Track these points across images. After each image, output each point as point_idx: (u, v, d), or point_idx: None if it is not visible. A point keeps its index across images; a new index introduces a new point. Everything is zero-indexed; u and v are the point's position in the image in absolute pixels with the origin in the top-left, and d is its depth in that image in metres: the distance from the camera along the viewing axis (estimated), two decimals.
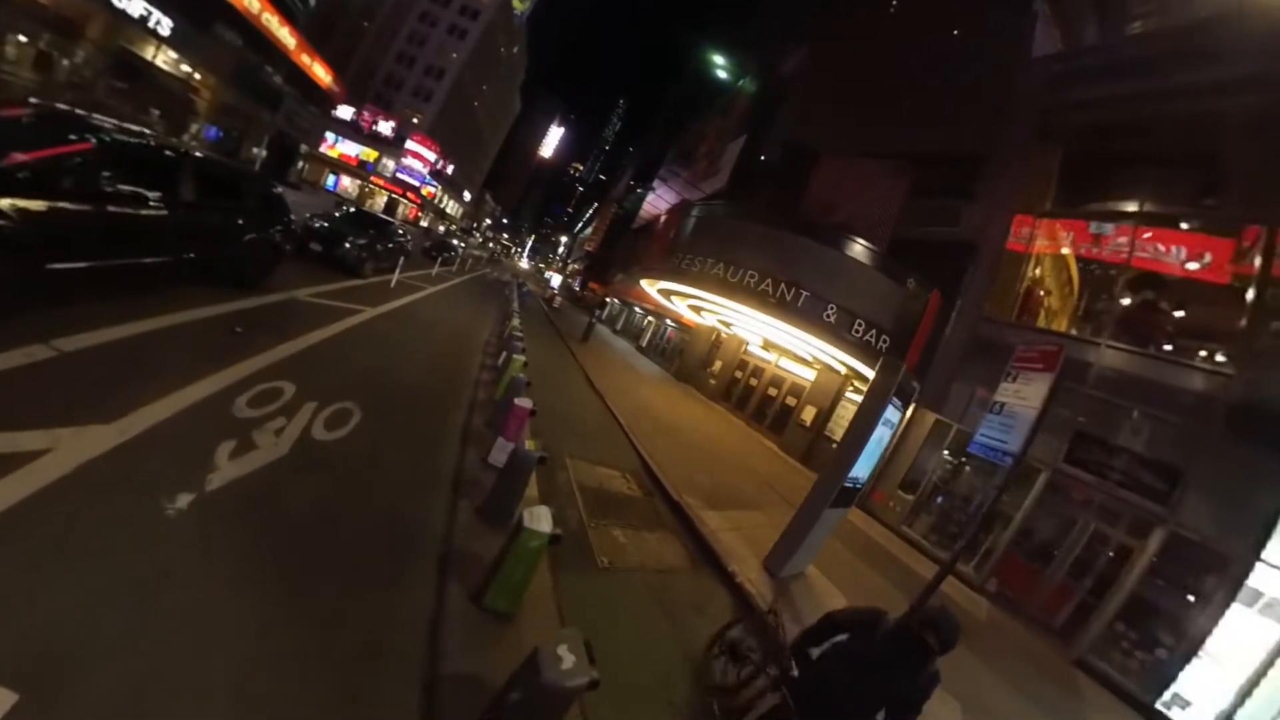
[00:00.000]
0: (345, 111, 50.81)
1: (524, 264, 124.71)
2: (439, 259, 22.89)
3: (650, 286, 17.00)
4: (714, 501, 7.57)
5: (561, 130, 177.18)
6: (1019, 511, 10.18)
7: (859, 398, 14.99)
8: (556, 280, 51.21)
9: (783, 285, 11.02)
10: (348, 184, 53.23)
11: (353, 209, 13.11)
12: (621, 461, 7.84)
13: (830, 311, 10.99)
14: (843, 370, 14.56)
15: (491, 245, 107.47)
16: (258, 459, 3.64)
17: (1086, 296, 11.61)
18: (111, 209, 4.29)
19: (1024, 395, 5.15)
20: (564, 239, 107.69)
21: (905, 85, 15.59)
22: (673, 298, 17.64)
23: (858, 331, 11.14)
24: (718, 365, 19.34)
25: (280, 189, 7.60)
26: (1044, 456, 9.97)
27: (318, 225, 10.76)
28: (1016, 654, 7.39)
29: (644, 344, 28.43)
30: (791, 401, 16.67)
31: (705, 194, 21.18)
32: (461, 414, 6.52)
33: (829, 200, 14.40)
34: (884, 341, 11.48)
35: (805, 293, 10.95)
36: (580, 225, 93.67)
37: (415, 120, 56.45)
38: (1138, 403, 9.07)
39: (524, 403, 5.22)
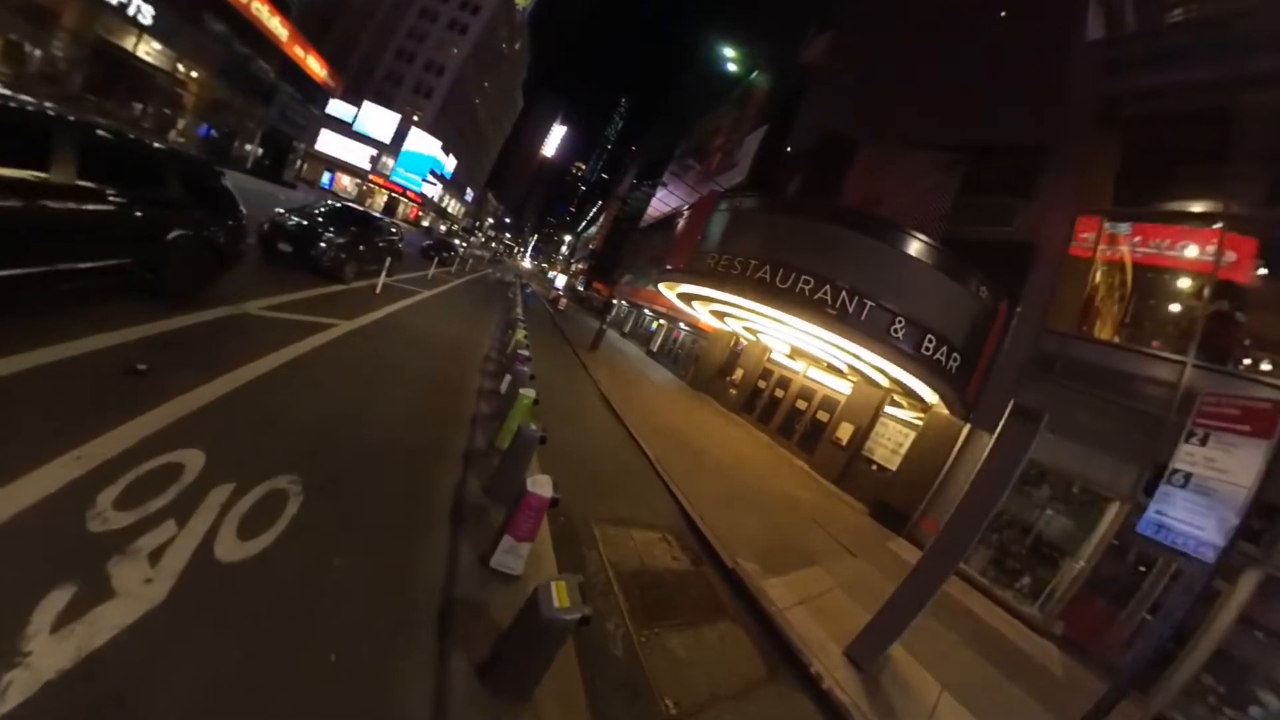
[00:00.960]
0: (347, 111, 49.53)
1: (527, 264, 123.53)
2: (435, 259, 21.53)
3: (669, 290, 15.61)
4: (770, 561, 6.18)
5: (564, 129, 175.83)
6: (1087, 548, 8.83)
7: (903, 414, 13.65)
8: (561, 281, 49.79)
9: (843, 293, 9.49)
10: (347, 184, 51.96)
11: (336, 203, 11.69)
12: (657, 513, 6.47)
13: (899, 326, 9.47)
14: (884, 383, 13.12)
15: (494, 245, 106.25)
16: (108, 620, 2.16)
17: (1159, 305, 10.11)
18: None
19: (1223, 466, 3.74)
20: (568, 238, 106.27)
21: (949, 70, 14.12)
22: (694, 303, 16.23)
23: (928, 349, 9.63)
24: (739, 374, 17.93)
25: (226, 179, 6.16)
26: (1119, 486, 8.67)
27: (291, 222, 9.27)
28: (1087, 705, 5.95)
29: (654, 348, 27.04)
30: (823, 417, 15.25)
31: (723, 188, 19.78)
32: (453, 476, 4.82)
33: (869, 194, 12.97)
34: (954, 360, 10.00)
35: (869, 303, 9.41)
36: (584, 224, 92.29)
37: (416, 117, 55.12)
38: None
39: (542, 489, 3.47)
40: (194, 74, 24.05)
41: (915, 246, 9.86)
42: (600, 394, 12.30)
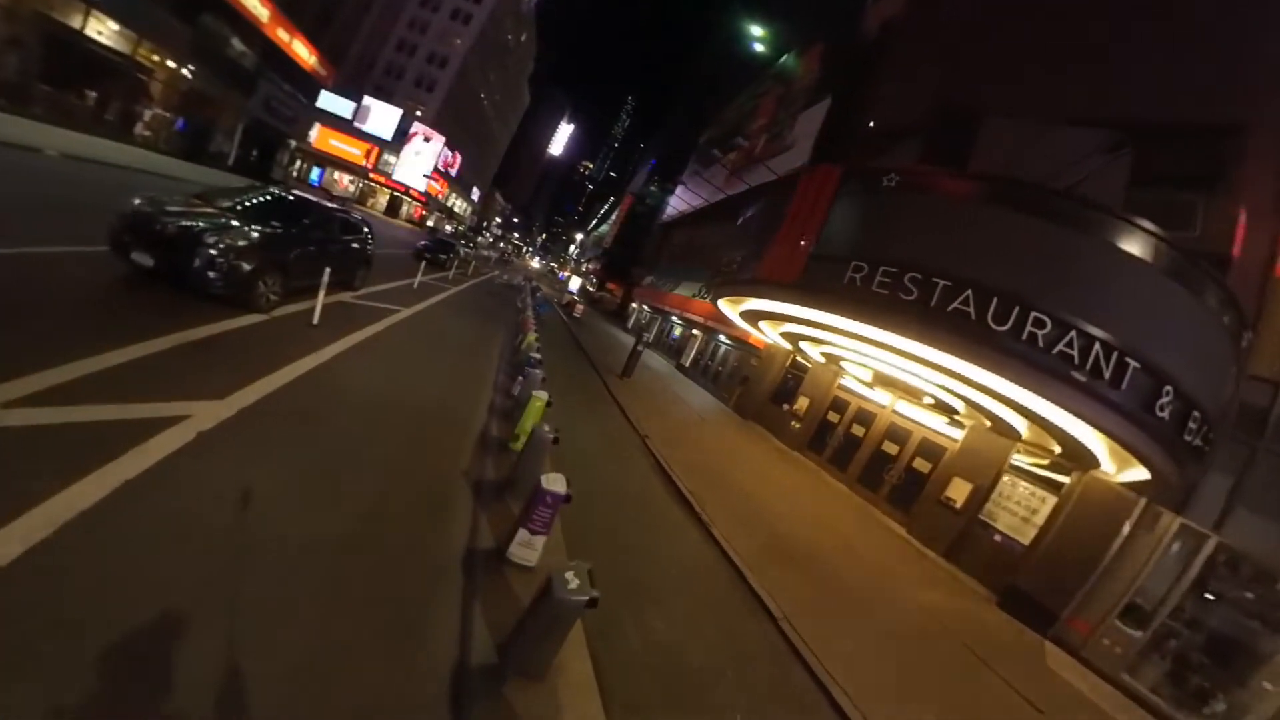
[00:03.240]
0: (345, 106, 46.70)
1: (535, 264, 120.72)
2: (425, 262, 18.23)
3: (731, 307, 12.38)
4: None
5: (571, 127, 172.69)
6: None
7: (1024, 460, 10.31)
8: (576, 284, 46.35)
9: (1032, 316, 6.20)
10: (348, 184, 49.17)
11: (275, 190, 8.12)
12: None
13: (1120, 369, 6.08)
14: (1022, 432, 9.80)
15: (502, 245, 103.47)
16: None
17: None
18: None
19: None
20: (579, 236, 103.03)
21: (1097, 19, 10.58)
22: (762, 323, 12.89)
23: (1163, 408, 6.22)
24: (802, 403, 14.59)
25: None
26: None
27: (165, 221, 5.75)
28: None
29: (686, 362, 23.66)
30: (923, 466, 11.92)
31: (777, 175, 16.45)
32: None
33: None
34: (1201, 428, 6.59)
35: (1071, 332, 6.08)
36: (595, 222, 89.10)
37: (419, 113, 52.20)
38: None
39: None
40: (159, 59, 21.14)
41: (1136, 240, 6.45)
42: (655, 461, 8.84)
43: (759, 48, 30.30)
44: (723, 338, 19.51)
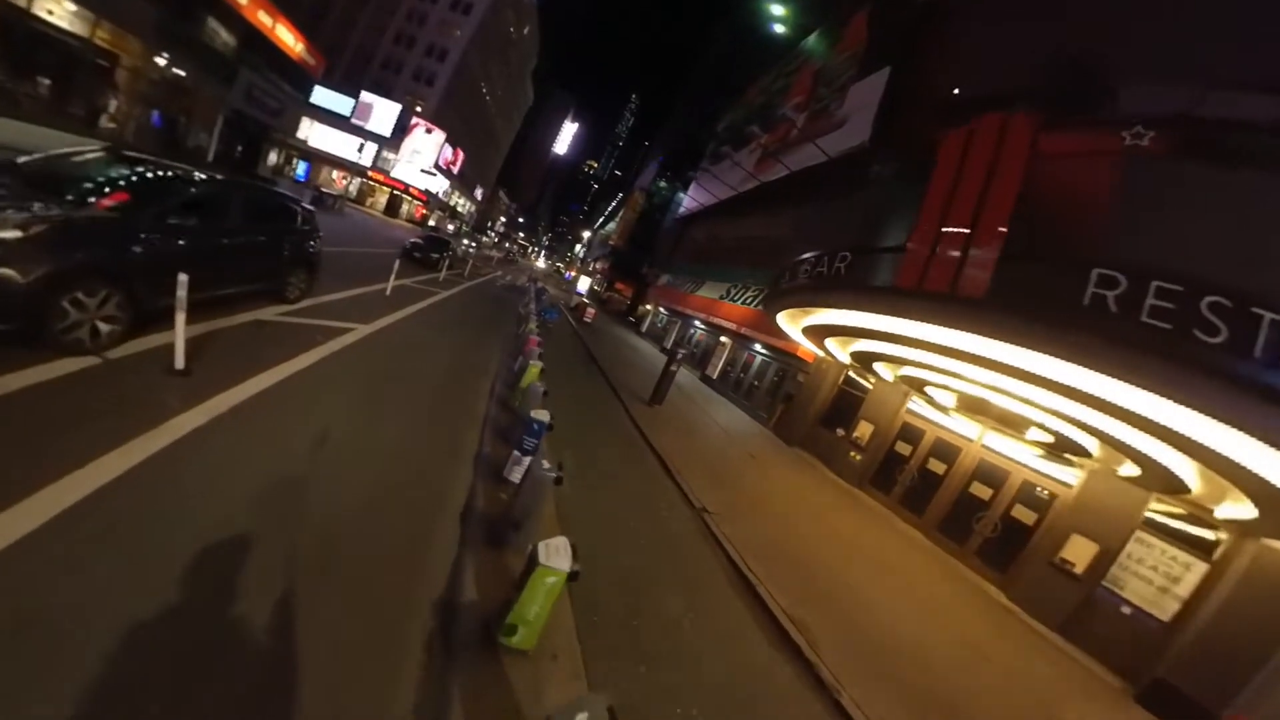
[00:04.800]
0: (342, 102, 44.64)
1: (541, 264, 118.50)
2: (410, 264, 15.60)
3: (790, 322, 10.01)
4: None
5: (575, 126, 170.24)
6: None
7: (1172, 518, 7.89)
8: (584, 285, 43.78)
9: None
10: (347, 182, 47.13)
11: (134, 158, 5.53)
12: None
13: None
14: (1194, 486, 7.40)
15: (507, 245, 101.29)
16: None
17: None
18: None
19: None
20: (585, 234, 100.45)
21: None
22: (831, 340, 10.47)
23: None
24: (863, 430, 12.18)
25: None
26: None
27: None
28: None
29: (713, 373, 21.18)
30: (1024, 516, 9.58)
31: (829, 155, 14.01)
32: None
33: None
34: None
35: None
36: (601, 220, 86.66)
37: (418, 108, 50.07)
38: None
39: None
40: (122, 43, 19.01)
41: None
42: (724, 557, 6.05)
43: (779, 28, 27.76)
44: (758, 347, 17.07)
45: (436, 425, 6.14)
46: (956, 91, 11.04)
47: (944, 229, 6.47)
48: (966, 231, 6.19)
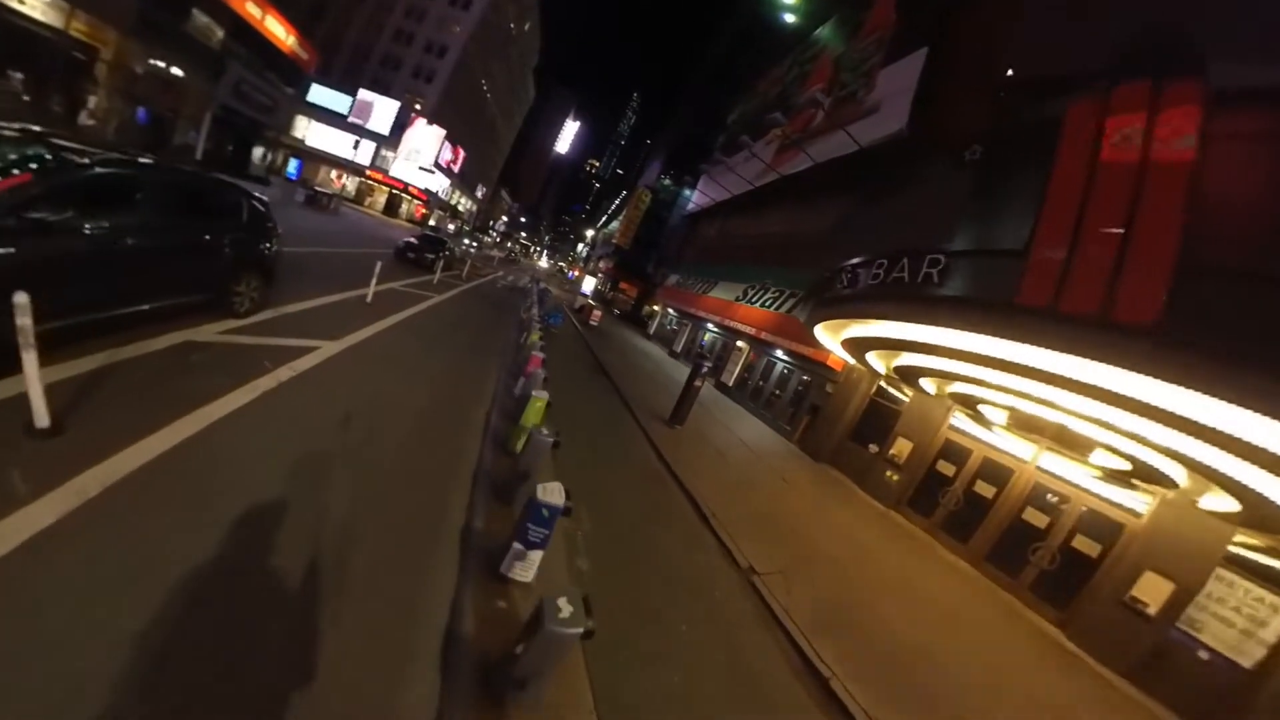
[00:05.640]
0: (340, 101, 43.67)
1: (544, 263, 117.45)
2: (396, 266, 14.26)
3: (829, 334, 8.87)
4: None
5: (577, 125, 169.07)
6: None
7: (1253, 551, 6.77)
8: (589, 285, 42.60)
9: None
10: (349, 186, 46.16)
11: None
12: None
13: None
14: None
15: (509, 245, 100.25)
16: None
17: None
18: None
19: None
20: (589, 233, 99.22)
21: None
22: (871, 353, 9.36)
23: None
24: (901, 447, 11.06)
25: None
26: None
27: None
28: None
29: (728, 380, 20.01)
30: (1087, 548, 8.51)
31: (861, 144, 12.83)
32: None
33: None
34: None
35: None
36: (605, 219, 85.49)
37: (418, 105, 49.04)
38: None
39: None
40: (101, 35, 18.00)
41: None
42: (783, 635, 4.86)
43: (790, 17, 26.54)
44: (780, 353, 15.92)
45: (412, 489, 4.55)
46: (1010, 74, 9.79)
47: (1089, 230, 5.11)
48: (1120, 232, 4.88)
